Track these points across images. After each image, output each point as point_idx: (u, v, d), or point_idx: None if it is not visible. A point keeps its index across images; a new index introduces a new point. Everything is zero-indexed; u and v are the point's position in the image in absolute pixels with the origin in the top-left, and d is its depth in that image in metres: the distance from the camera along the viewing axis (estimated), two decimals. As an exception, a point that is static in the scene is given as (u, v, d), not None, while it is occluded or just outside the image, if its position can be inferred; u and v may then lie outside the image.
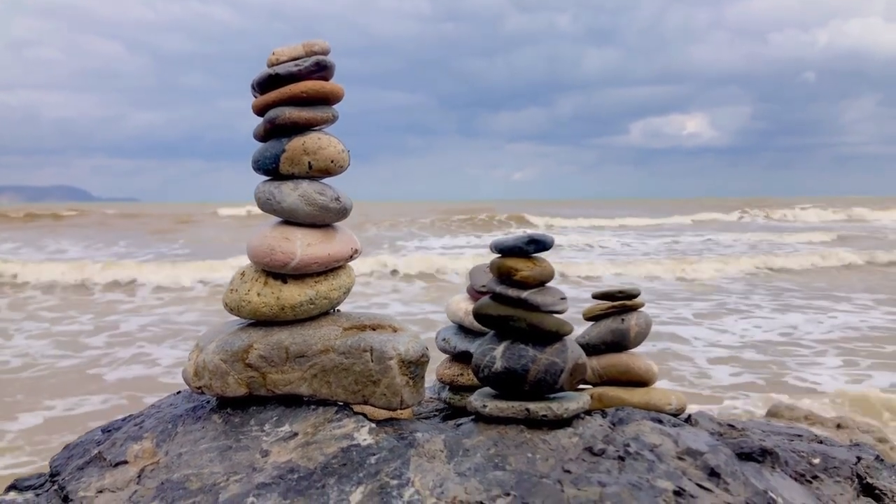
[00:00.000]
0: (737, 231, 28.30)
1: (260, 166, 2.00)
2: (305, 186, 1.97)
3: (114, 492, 1.79)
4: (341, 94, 2.00)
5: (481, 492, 1.62)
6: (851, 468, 2.02)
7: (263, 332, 1.98)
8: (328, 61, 1.98)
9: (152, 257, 18.16)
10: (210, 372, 1.96)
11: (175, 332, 9.02)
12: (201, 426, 1.96)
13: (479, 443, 1.79)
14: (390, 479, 1.69)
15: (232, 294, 2.01)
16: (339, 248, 2.01)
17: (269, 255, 1.95)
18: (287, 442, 1.84)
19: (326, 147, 1.96)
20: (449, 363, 2.32)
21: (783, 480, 1.82)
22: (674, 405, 2.18)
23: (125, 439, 1.97)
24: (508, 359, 1.87)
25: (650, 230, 28.93)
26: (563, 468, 1.68)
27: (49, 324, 9.64)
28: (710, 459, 1.72)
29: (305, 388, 1.96)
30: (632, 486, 1.61)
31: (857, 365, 7.23)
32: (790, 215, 38.88)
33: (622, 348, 2.25)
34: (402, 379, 1.92)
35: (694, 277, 14.45)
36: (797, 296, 12.00)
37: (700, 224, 34.23)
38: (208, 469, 1.79)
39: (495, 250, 1.94)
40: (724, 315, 10.12)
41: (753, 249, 20.56)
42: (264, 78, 1.97)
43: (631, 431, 1.84)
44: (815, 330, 8.96)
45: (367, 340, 1.94)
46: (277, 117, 1.94)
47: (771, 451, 1.87)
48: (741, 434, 2.01)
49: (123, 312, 10.58)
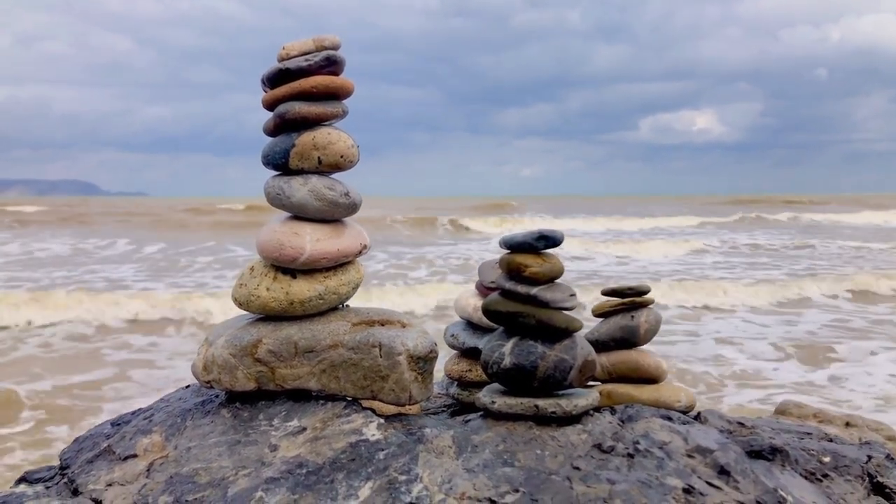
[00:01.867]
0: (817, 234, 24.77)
1: (269, 161, 2.00)
2: (315, 181, 1.97)
3: (123, 485, 1.80)
4: (351, 89, 2.00)
5: (490, 488, 1.61)
6: (862, 467, 2.01)
7: (272, 327, 1.98)
8: (338, 56, 1.97)
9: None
10: (219, 366, 1.97)
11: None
12: (210, 420, 1.96)
13: (487, 439, 1.79)
14: (399, 474, 1.69)
15: (241, 289, 2.01)
16: (349, 244, 2.01)
17: (279, 250, 1.95)
18: (296, 437, 1.84)
19: (336, 142, 1.96)
20: (457, 359, 2.31)
21: (793, 479, 1.81)
22: (683, 402, 2.17)
23: (134, 433, 1.98)
24: (517, 355, 1.87)
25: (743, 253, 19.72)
26: (573, 465, 1.68)
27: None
28: (720, 457, 1.71)
29: (314, 383, 1.96)
30: (641, 484, 1.60)
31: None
32: (833, 218, 36.33)
33: (632, 345, 2.24)
34: (411, 374, 1.92)
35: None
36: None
37: (749, 223, 30.66)
38: (217, 463, 1.79)
39: (505, 246, 1.93)
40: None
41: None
42: (274, 73, 1.97)
43: (640, 428, 1.84)
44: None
45: (375, 336, 1.94)
46: (287, 112, 1.94)
47: (781, 449, 1.86)
48: (751, 432, 2.00)
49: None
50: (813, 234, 24.55)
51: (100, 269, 14.67)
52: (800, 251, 19.49)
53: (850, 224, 30.77)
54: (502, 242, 1.94)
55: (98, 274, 14.03)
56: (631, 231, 26.79)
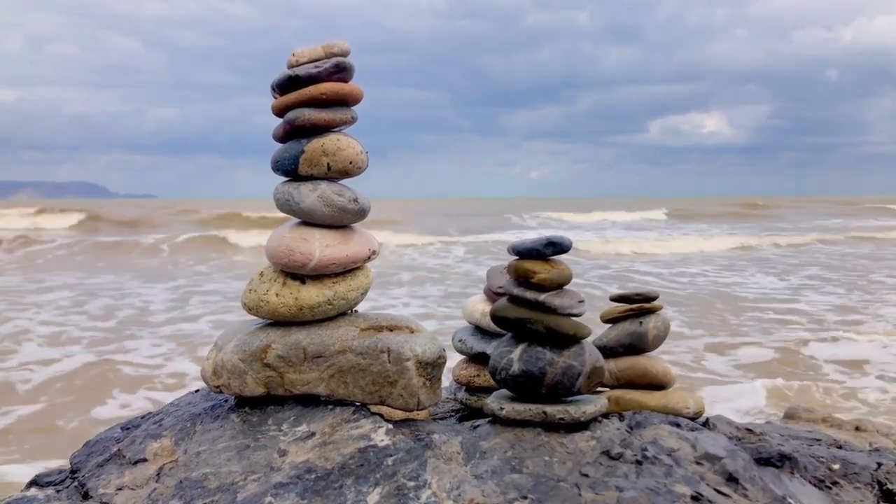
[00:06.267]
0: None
1: (279, 167, 2.01)
2: (324, 187, 1.98)
3: (133, 489, 1.81)
4: (360, 95, 2.01)
5: (498, 494, 1.62)
6: (872, 474, 2.00)
7: (281, 332, 1.99)
8: (348, 63, 1.98)
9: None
10: (228, 371, 1.97)
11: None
12: (220, 425, 1.97)
13: (495, 445, 1.79)
14: (407, 480, 1.69)
15: (250, 294, 2.02)
16: (358, 250, 2.01)
17: (288, 256, 1.96)
18: (304, 442, 1.85)
19: (345, 148, 1.97)
20: (465, 364, 2.32)
21: (802, 486, 1.80)
22: (691, 409, 2.17)
23: (144, 437, 1.99)
24: (526, 361, 1.87)
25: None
26: (581, 472, 1.68)
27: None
28: (729, 464, 1.71)
29: (323, 388, 1.96)
30: (649, 491, 1.60)
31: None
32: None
33: (640, 351, 2.24)
34: (419, 380, 1.92)
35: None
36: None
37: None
38: (226, 468, 1.80)
39: (513, 252, 1.94)
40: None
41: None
42: (284, 79, 1.98)
43: (648, 435, 1.83)
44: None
45: (384, 341, 1.94)
46: (297, 119, 1.95)
47: (790, 456, 1.85)
48: (759, 438, 2.00)
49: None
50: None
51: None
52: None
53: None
54: (511, 248, 1.94)
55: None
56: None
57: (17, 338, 8.21)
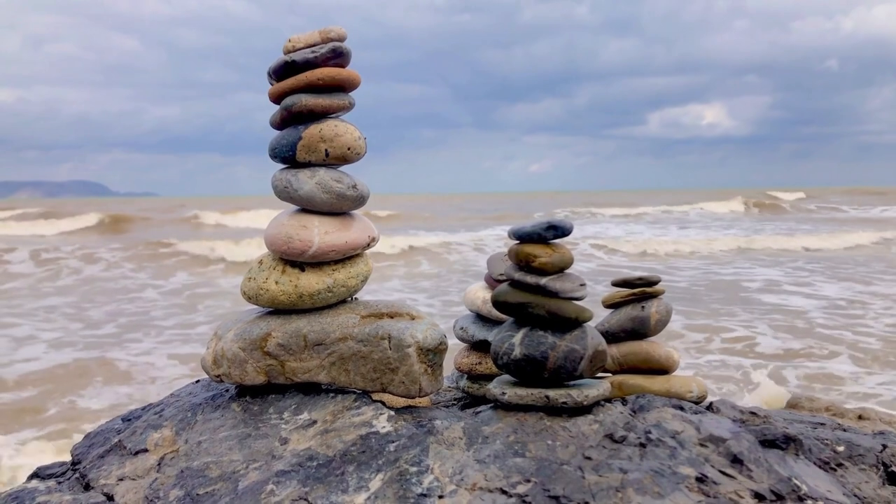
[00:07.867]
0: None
1: (277, 154, 1.99)
2: (323, 174, 1.96)
3: (134, 479, 1.80)
4: (358, 81, 1.99)
5: (501, 478, 1.61)
6: (877, 456, 1.99)
7: (282, 321, 1.98)
8: (344, 48, 1.96)
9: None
10: (229, 360, 1.96)
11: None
12: (220, 414, 1.96)
13: (498, 430, 1.78)
14: (409, 466, 1.68)
15: (250, 282, 2.01)
16: (357, 236, 2.00)
17: (287, 244, 1.94)
18: (306, 430, 1.83)
19: (343, 134, 1.95)
20: (467, 352, 2.30)
21: (807, 468, 1.79)
22: (695, 393, 2.16)
23: (145, 428, 1.98)
24: (528, 346, 1.85)
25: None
26: (584, 455, 1.67)
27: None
28: (733, 446, 1.70)
29: (324, 375, 1.95)
30: (654, 473, 1.59)
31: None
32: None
33: (642, 336, 2.22)
34: (421, 367, 1.91)
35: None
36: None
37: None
38: (228, 457, 1.79)
39: (514, 237, 1.92)
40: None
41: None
42: (280, 65, 1.96)
43: (652, 418, 1.82)
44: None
45: (385, 328, 1.93)
46: (294, 105, 1.94)
47: (794, 438, 1.84)
48: (763, 421, 1.99)
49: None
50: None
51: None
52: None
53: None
54: (511, 233, 1.93)
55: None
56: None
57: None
